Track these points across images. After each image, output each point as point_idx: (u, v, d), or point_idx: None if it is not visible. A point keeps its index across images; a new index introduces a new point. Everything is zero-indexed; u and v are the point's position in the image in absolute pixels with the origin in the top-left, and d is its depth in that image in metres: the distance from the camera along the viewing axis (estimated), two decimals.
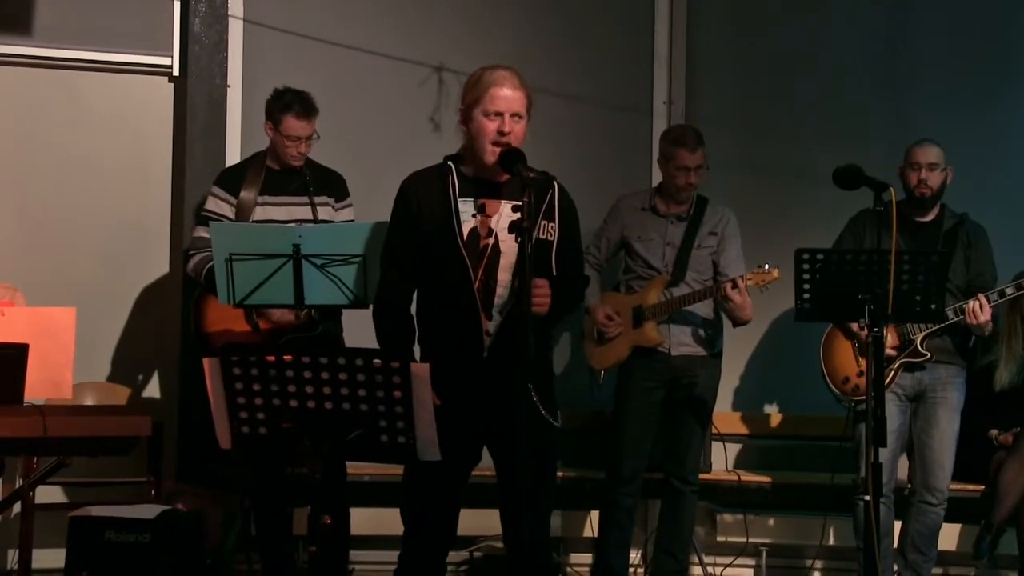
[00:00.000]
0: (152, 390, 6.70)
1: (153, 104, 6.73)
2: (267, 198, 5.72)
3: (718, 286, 5.75)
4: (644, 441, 5.98)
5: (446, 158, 4.48)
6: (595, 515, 6.41)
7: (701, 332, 5.94)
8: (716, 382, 6.05)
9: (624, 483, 5.98)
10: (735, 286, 5.67)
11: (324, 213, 5.72)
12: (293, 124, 5.63)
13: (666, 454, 6.05)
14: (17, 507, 6.02)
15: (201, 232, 5.70)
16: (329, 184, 5.81)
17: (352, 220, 5.74)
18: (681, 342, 5.93)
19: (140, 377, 6.68)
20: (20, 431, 4.24)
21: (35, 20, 6.54)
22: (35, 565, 5.98)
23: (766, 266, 5.67)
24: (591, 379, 6.13)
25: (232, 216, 5.67)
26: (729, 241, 5.97)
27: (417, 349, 4.45)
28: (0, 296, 5.32)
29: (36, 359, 4.43)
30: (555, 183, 4.46)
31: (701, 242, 5.95)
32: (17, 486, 6.03)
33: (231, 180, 5.76)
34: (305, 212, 5.70)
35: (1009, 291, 5.74)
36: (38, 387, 4.52)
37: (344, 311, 5.59)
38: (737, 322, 5.87)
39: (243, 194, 5.69)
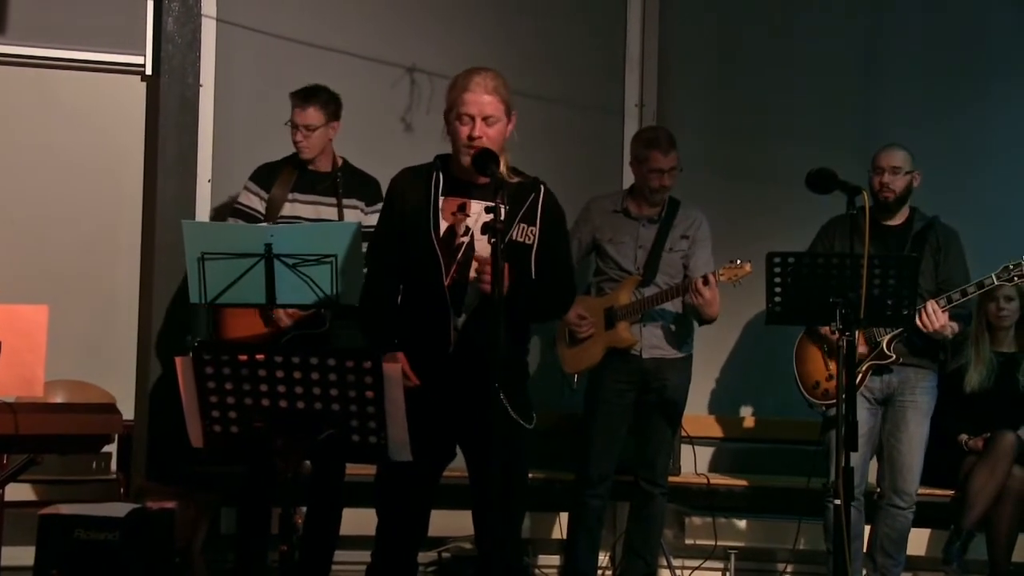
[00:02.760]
0: (123, 388, 6.68)
1: (125, 103, 6.71)
2: (297, 195, 5.79)
3: (689, 282, 5.76)
4: (614, 443, 6.00)
5: (437, 157, 4.50)
6: (564, 517, 6.42)
7: (673, 334, 5.96)
8: (687, 384, 6.07)
9: (593, 485, 5.99)
10: (707, 282, 5.69)
11: (352, 216, 5.76)
12: (296, 112, 5.76)
13: (636, 456, 6.07)
14: None
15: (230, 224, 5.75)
16: (361, 187, 5.86)
17: None
18: (653, 344, 5.94)
19: (110, 375, 6.65)
20: None
21: (8, 18, 6.51)
22: (4, 562, 5.94)
23: (738, 261, 5.69)
24: (563, 382, 6.14)
25: (263, 210, 5.76)
26: (700, 245, 5.98)
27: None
28: None
29: (7, 356, 4.43)
30: (542, 188, 4.48)
31: (673, 245, 5.97)
32: None
33: (265, 176, 5.86)
34: (332, 213, 5.76)
35: (971, 290, 5.76)
36: (9, 384, 4.51)
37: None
38: (704, 319, 5.88)
39: (275, 190, 5.78)
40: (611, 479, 6.03)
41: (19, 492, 6.15)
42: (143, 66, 6.66)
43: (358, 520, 5.74)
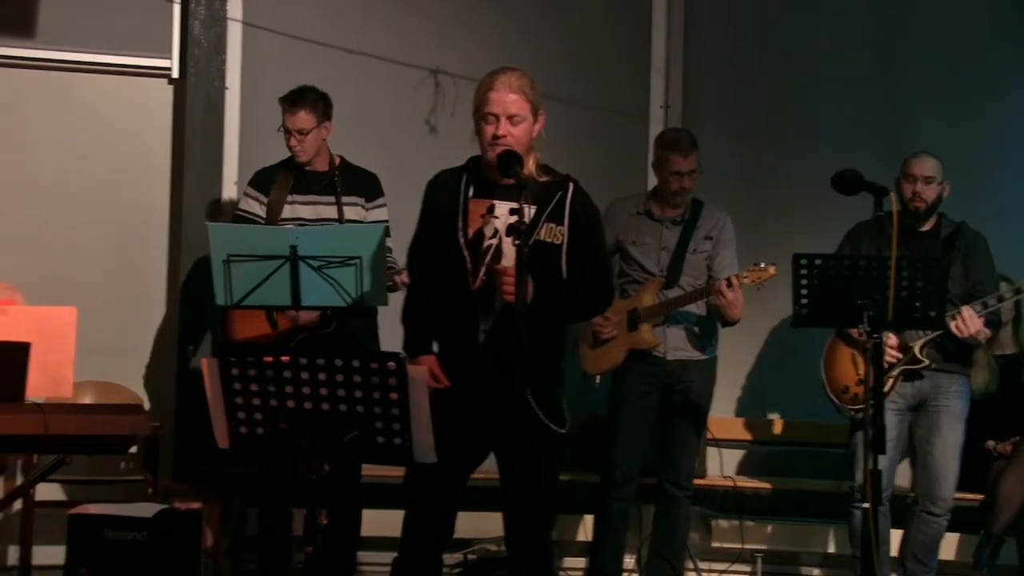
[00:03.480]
0: (150, 389, 6.72)
1: (152, 106, 6.75)
2: (296, 197, 5.79)
3: (713, 284, 5.76)
4: (638, 445, 5.99)
5: (470, 159, 4.52)
6: (589, 519, 6.43)
7: (697, 336, 5.95)
8: (711, 386, 6.06)
9: (618, 487, 5.99)
10: (730, 284, 5.68)
11: (352, 213, 5.77)
12: (284, 116, 5.74)
13: (660, 459, 6.05)
14: (18, 504, 6.05)
15: None
16: (360, 184, 5.86)
17: (385, 220, 5.78)
18: (677, 346, 5.94)
19: (138, 376, 6.69)
20: (21, 429, 4.25)
21: (37, 22, 6.56)
22: (36, 561, 6.00)
23: (762, 264, 5.68)
24: (586, 383, 6.14)
25: (263, 214, 5.76)
26: (724, 246, 5.97)
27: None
28: (0, 296, 5.34)
29: (37, 358, 4.45)
30: (570, 186, 4.47)
31: (697, 246, 5.96)
32: (18, 483, 6.05)
33: (263, 180, 5.86)
34: (332, 211, 5.77)
35: (1007, 295, 5.72)
36: (39, 386, 4.53)
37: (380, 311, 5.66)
38: (727, 321, 5.86)
39: (273, 193, 5.78)
40: (636, 481, 6.03)
41: (49, 492, 6.21)
42: (169, 70, 6.70)
43: (383, 521, 5.76)
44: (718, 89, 7.16)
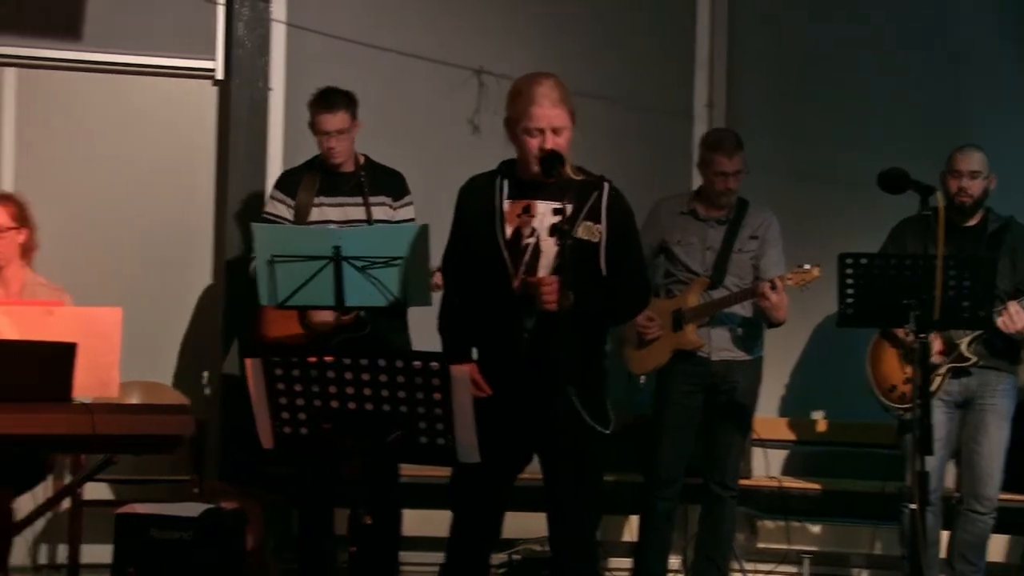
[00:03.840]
0: (196, 389, 6.75)
1: (197, 107, 6.79)
2: (323, 199, 5.80)
3: (757, 286, 5.74)
4: (683, 445, 5.97)
5: (502, 163, 4.52)
6: (634, 519, 6.41)
7: (741, 336, 5.92)
8: (757, 386, 6.03)
9: (663, 487, 5.97)
10: (774, 287, 5.65)
11: (380, 213, 5.77)
12: (319, 118, 5.74)
13: (705, 459, 6.03)
14: (67, 503, 6.10)
15: None
16: (386, 183, 5.86)
17: (412, 219, 5.79)
18: (721, 347, 5.91)
19: (184, 377, 6.73)
20: (69, 429, 4.30)
21: (83, 26, 6.61)
22: (84, 560, 6.05)
23: (806, 265, 5.65)
24: (630, 383, 6.13)
25: (290, 217, 5.77)
26: (770, 245, 5.93)
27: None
28: (49, 297, 5.39)
29: (84, 358, 4.48)
30: (606, 185, 4.46)
31: (742, 246, 5.93)
32: (66, 482, 6.10)
33: (289, 183, 5.88)
34: (360, 212, 5.77)
35: None
36: (86, 386, 4.56)
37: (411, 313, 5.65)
38: (772, 323, 5.83)
39: (300, 196, 5.79)
40: (681, 481, 6.00)
41: (97, 491, 6.25)
42: (214, 71, 6.73)
43: (426, 521, 5.78)
44: (763, 87, 7.13)
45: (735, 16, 7.11)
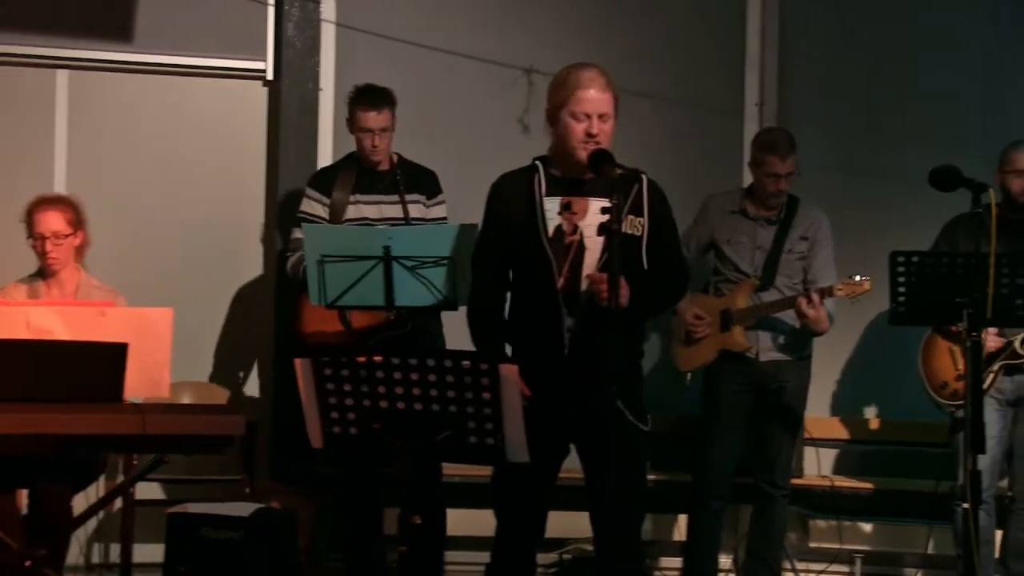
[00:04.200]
0: (247, 389, 6.80)
1: (248, 108, 6.82)
2: (359, 197, 5.79)
3: (795, 299, 5.71)
4: (733, 444, 5.94)
5: (535, 159, 4.49)
6: (682, 519, 6.39)
7: (789, 337, 5.89)
8: (806, 386, 6.00)
9: (713, 486, 5.95)
10: (810, 301, 5.63)
11: (415, 211, 5.77)
12: (362, 116, 5.72)
13: (755, 459, 6.01)
14: (119, 502, 6.15)
15: (297, 233, 5.78)
16: (420, 181, 5.85)
17: (444, 217, 5.80)
18: (769, 348, 5.89)
19: (235, 376, 6.77)
20: (121, 429, 4.31)
21: (135, 28, 6.66)
22: (136, 559, 6.09)
23: (857, 277, 5.62)
24: (677, 380, 6.11)
25: (326, 216, 5.76)
26: (820, 246, 5.90)
27: (509, 349, 4.48)
28: (102, 299, 5.43)
29: (135, 359, 4.51)
30: (643, 177, 4.44)
31: (792, 247, 5.89)
32: (119, 482, 6.15)
33: (323, 181, 5.86)
34: (396, 210, 5.76)
35: None
36: (137, 386, 4.59)
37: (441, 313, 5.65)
38: (813, 333, 5.83)
39: (336, 194, 5.78)
40: (730, 480, 5.98)
41: (149, 491, 6.29)
42: (264, 71, 6.76)
43: (470, 521, 5.78)
44: (813, 85, 7.08)
45: (786, 14, 7.07)
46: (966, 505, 4.69)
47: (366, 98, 5.75)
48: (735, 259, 5.93)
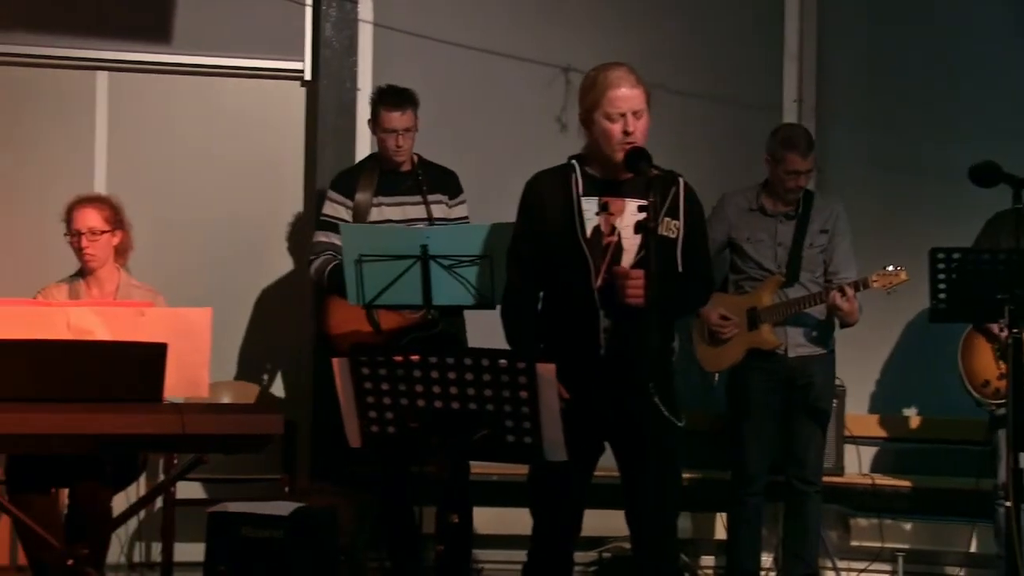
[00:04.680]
0: (286, 388, 6.82)
1: (286, 108, 6.85)
2: (382, 198, 5.80)
3: (827, 293, 5.70)
4: (767, 442, 5.93)
5: (570, 158, 4.49)
6: (720, 517, 6.39)
7: (816, 331, 5.89)
8: (833, 380, 6.02)
9: (750, 483, 5.93)
10: (844, 294, 5.62)
11: (438, 211, 5.78)
12: (385, 116, 5.72)
13: (786, 455, 5.99)
14: (159, 502, 6.18)
15: (320, 237, 5.80)
16: (442, 182, 5.86)
17: (466, 216, 5.80)
18: (798, 343, 5.88)
19: (274, 376, 6.80)
20: (160, 428, 4.33)
21: (173, 29, 6.69)
22: (177, 558, 6.12)
23: (890, 267, 5.60)
24: (704, 381, 6.09)
25: (349, 218, 5.76)
26: (840, 237, 5.90)
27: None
28: (143, 299, 5.46)
29: (174, 359, 4.53)
30: (680, 180, 4.43)
31: (813, 240, 5.88)
32: (159, 481, 6.18)
33: (346, 183, 5.87)
34: (419, 211, 5.77)
35: None
36: (176, 386, 4.61)
37: (466, 312, 5.65)
38: (844, 325, 5.82)
39: (359, 196, 5.78)
40: (766, 477, 5.97)
41: (189, 490, 6.32)
42: (302, 72, 6.79)
43: (504, 519, 5.78)
44: (852, 81, 7.04)
45: (824, 9, 7.04)
46: (1008, 503, 4.65)
47: (389, 99, 5.74)
48: (757, 257, 5.91)
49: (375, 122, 5.79)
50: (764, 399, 5.90)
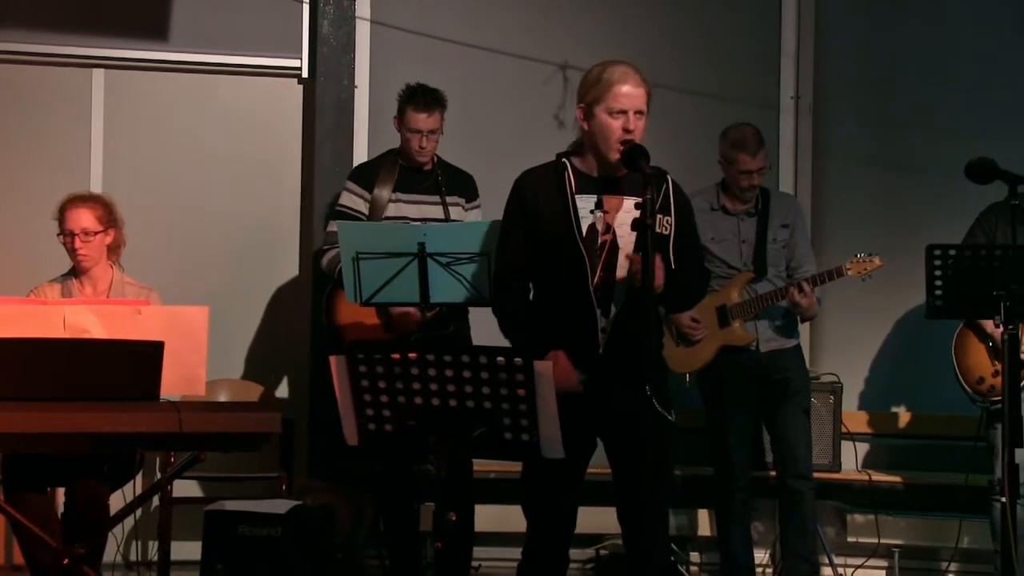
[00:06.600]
0: (283, 387, 6.82)
1: (283, 105, 6.85)
2: (400, 195, 5.78)
3: (787, 290, 5.76)
4: (748, 437, 6.00)
5: (559, 155, 4.47)
6: (706, 514, 6.45)
7: (783, 324, 5.95)
8: (806, 372, 6.08)
9: (737, 480, 5.94)
10: (802, 291, 5.69)
11: (455, 213, 5.77)
12: (413, 116, 5.69)
13: (777, 455, 6.02)
14: (156, 500, 6.18)
15: (333, 227, 5.77)
16: (460, 184, 5.85)
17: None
18: (769, 337, 5.93)
19: (271, 374, 6.79)
20: (157, 426, 4.34)
21: (171, 26, 6.69)
22: (174, 557, 6.11)
23: (860, 255, 5.67)
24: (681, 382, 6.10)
25: (366, 211, 5.75)
26: (800, 232, 6.00)
27: None
28: (136, 295, 5.46)
29: (171, 357, 4.53)
30: (668, 177, 4.42)
31: (775, 236, 5.95)
32: (156, 480, 6.18)
33: (365, 176, 5.84)
34: (437, 211, 5.75)
35: None
36: (173, 384, 4.61)
37: (471, 311, 5.65)
38: (804, 319, 5.92)
39: (377, 191, 5.76)
40: (750, 472, 6.01)
41: (186, 489, 6.32)
42: (299, 69, 6.79)
43: (502, 517, 5.77)
44: (849, 79, 7.05)
45: (821, 7, 7.04)
46: (1004, 499, 4.65)
47: (418, 99, 5.70)
48: (723, 255, 5.95)
49: (401, 120, 5.76)
50: (739, 394, 5.93)
